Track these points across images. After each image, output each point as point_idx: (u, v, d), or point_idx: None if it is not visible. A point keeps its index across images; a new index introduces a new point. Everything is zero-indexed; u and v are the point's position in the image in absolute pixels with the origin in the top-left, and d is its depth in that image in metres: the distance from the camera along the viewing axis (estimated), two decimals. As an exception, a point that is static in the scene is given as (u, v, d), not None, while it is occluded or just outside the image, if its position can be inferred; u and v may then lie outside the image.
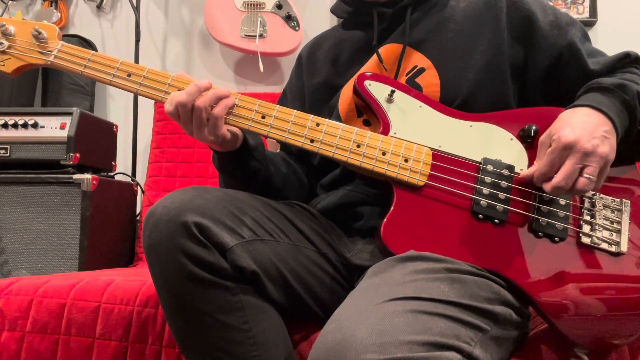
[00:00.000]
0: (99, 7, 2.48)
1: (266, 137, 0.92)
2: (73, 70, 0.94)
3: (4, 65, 0.95)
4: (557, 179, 0.81)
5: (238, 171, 0.99)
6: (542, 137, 0.86)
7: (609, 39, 2.19)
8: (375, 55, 1.05)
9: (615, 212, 0.88)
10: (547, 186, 0.82)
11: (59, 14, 2.41)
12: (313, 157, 1.12)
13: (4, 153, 1.71)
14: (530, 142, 0.91)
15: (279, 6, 2.19)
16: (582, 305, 0.83)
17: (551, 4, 2.14)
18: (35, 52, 0.95)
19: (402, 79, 1.02)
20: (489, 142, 0.91)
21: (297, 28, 2.19)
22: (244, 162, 0.98)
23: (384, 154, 0.89)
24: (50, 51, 0.95)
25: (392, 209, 0.86)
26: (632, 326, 0.85)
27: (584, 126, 0.82)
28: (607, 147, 0.82)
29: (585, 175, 0.80)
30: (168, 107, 0.88)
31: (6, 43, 0.95)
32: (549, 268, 0.84)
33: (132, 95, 2.34)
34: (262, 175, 1.01)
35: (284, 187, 1.07)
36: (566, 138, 0.81)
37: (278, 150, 1.18)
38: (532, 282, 0.83)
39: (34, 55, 0.95)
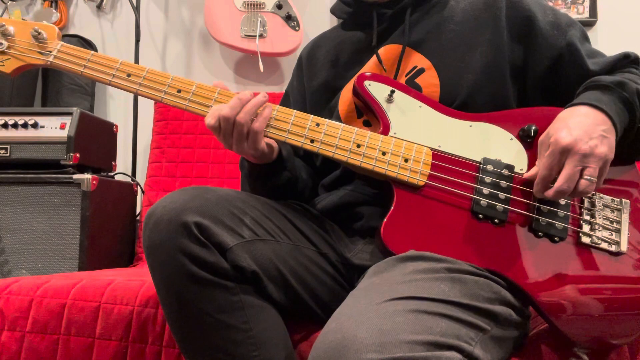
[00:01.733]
0: (99, 7, 2.48)
1: (266, 136, 0.92)
2: (73, 70, 0.94)
3: (3, 65, 0.95)
4: (559, 183, 0.81)
5: (270, 181, 1.00)
6: (542, 137, 0.86)
7: (609, 39, 2.19)
8: (375, 56, 1.05)
9: (615, 212, 0.88)
10: (550, 192, 0.82)
11: (59, 14, 2.41)
12: (316, 158, 1.12)
13: (4, 153, 1.71)
14: (530, 142, 0.91)
15: (279, 6, 2.19)
16: (582, 304, 0.83)
17: (551, 4, 2.15)
18: (34, 52, 0.95)
19: (402, 80, 1.02)
20: (488, 142, 0.91)
21: (297, 28, 2.19)
22: (278, 174, 0.99)
23: (384, 154, 0.89)
24: (50, 51, 0.95)
25: (392, 209, 0.86)
26: (631, 326, 0.85)
27: (581, 127, 0.82)
28: (606, 146, 0.82)
29: (585, 177, 0.81)
30: (210, 120, 0.87)
31: (5, 43, 0.95)
32: (549, 268, 0.84)
33: (132, 95, 2.34)
34: (292, 184, 1.02)
35: (303, 192, 1.08)
36: (563, 140, 0.81)
37: None
38: (532, 282, 0.83)
39: (33, 56, 0.95)
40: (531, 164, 0.89)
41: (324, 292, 0.93)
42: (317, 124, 0.91)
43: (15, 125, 1.72)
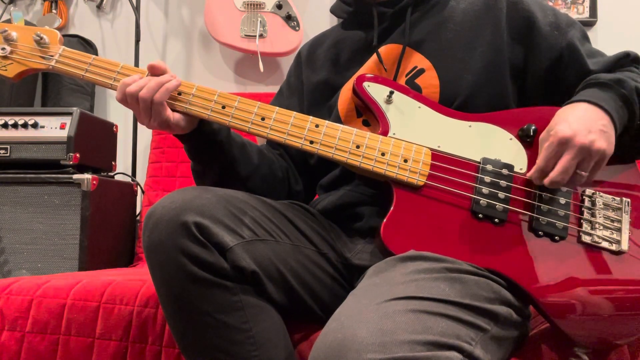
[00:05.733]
0: (99, 7, 2.48)
1: (266, 138, 0.92)
2: (74, 74, 0.95)
3: (6, 70, 0.96)
4: (554, 173, 0.81)
5: (198, 156, 1.00)
6: (542, 135, 0.86)
7: (609, 39, 2.19)
8: (375, 55, 1.05)
9: (616, 211, 0.88)
10: (545, 181, 0.83)
11: (61, 20, 2.41)
12: (310, 157, 1.12)
13: (4, 153, 1.71)
14: (529, 142, 0.91)
15: (279, 6, 2.19)
16: (583, 304, 0.83)
17: (551, 4, 2.14)
18: (37, 57, 0.96)
19: (402, 80, 1.02)
20: (488, 142, 0.91)
21: (297, 28, 2.19)
22: (202, 148, 0.98)
23: (383, 154, 0.89)
24: (52, 56, 0.96)
25: (392, 209, 0.86)
26: (633, 325, 0.85)
27: (580, 121, 0.82)
28: (604, 141, 0.82)
29: (579, 170, 0.81)
30: (117, 95, 0.91)
31: (8, 48, 0.96)
32: (550, 267, 0.84)
33: (132, 95, 2.34)
34: (227, 164, 1.01)
35: (250, 178, 1.04)
36: (562, 133, 0.81)
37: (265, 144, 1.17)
38: (533, 282, 0.83)
39: (35, 60, 0.96)
40: (531, 163, 0.89)
41: (324, 292, 0.93)
42: (317, 125, 0.91)
43: (15, 125, 1.72)
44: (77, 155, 1.71)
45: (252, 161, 1.05)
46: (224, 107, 0.92)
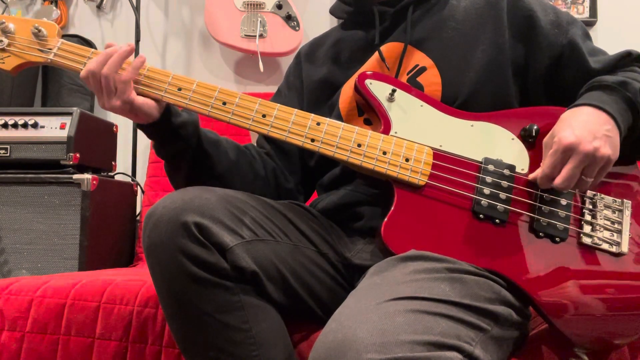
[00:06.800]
0: (99, 7, 2.48)
1: (266, 136, 0.92)
2: (73, 68, 0.93)
3: (3, 63, 0.95)
4: (558, 181, 0.81)
5: (164, 149, 0.98)
6: (546, 139, 0.86)
7: (609, 39, 2.19)
8: (376, 54, 1.04)
9: (616, 213, 0.88)
10: (551, 186, 0.83)
11: (59, 12, 2.41)
12: (309, 158, 1.12)
13: (4, 153, 1.71)
14: (531, 142, 0.91)
15: (279, 6, 2.19)
16: (583, 305, 0.83)
17: (551, 3, 2.14)
18: (35, 49, 0.95)
19: (404, 78, 1.02)
20: (490, 142, 0.91)
21: (297, 28, 2.19)
22: (169, 139, 0.95)
23: (384, 153, 0.89)
24: (50, 49, 0.94)
25: (392, 208, 0.86)
26: (632, 326, 0.85)
27: (585, 126, 0.82)
28: (609, 147, 0.82)
29: (584, 177, 0.81)
30: (82, 73, 0.90)
31: (6, 41, 0.95)
32: (550, 268, 0.84)
33: (132, 95, 2.34)
34: (197, 160, 0.98)
35: (227, 174, 1.02)
36: (567, 140, 0.81)
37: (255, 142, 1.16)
38: (533, 282, 0.83)
39: (33, 53, 0.95)
40: (532, 163, 0.89)
41: (323, 292, 0.93)
42: (318, 123, 0.90)
43: (15, 125, 1.72)
44: (77, 155, 1.71)
45: (228, 157, 1.02)
46: (224, 104, 0.91)
